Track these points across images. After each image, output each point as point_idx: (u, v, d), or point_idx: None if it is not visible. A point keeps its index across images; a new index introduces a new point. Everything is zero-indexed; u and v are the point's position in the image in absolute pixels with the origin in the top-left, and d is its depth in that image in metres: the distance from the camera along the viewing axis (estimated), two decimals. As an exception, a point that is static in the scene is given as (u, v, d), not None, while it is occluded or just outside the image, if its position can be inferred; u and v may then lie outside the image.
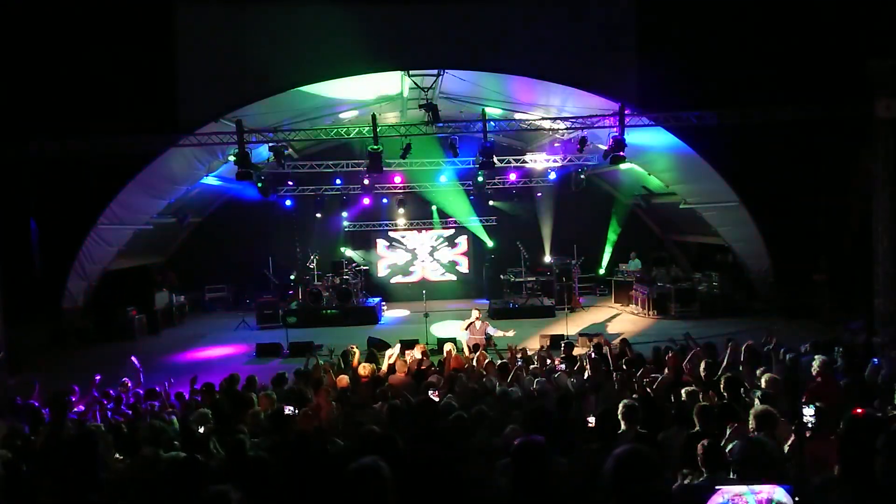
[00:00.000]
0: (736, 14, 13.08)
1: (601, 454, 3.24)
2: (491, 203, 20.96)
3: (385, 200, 20.97)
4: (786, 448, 4.41)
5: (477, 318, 12.28)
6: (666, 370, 7.87)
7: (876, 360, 7.28)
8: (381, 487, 2.59)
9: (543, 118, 14.16)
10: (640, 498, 2.35)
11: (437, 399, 6.24)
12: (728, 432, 4.78)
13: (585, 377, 7.96)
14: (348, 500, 2.63)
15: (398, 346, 10.06)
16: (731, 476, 3.46)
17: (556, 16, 13.17)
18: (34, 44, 13.15)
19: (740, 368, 7.45)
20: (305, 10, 12.94)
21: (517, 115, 15.20)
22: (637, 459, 2.52)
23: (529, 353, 10.75)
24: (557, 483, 3.24)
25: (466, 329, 12.29)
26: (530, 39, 12.98)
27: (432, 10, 12.94)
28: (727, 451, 3.88)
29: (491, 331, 12.27)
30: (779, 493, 2.20)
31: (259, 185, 15.19)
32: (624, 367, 8.46)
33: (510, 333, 12.26)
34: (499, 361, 9.34)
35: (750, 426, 4.55)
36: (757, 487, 2.20)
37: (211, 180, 17.09)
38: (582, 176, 18.59)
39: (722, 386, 6.17)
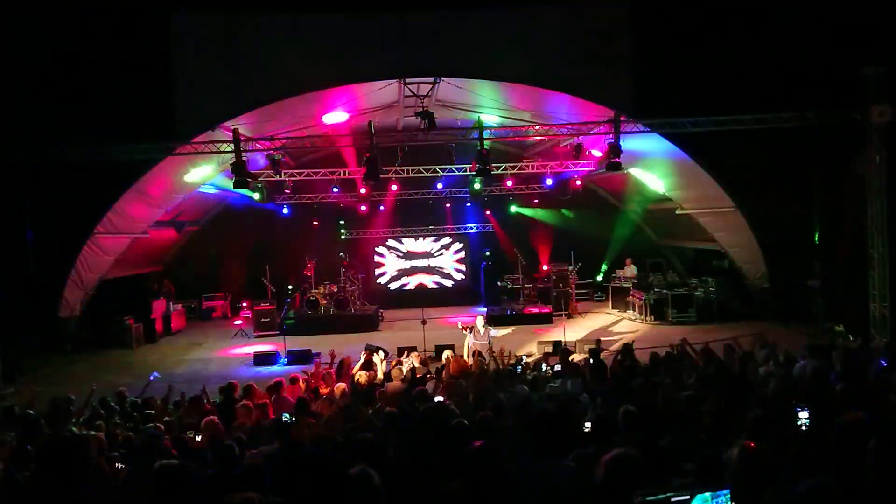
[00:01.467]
0: (731, 21, 13.16)
1: (596, 459, 3.25)
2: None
3: (381, 208, 21.00)
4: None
5: (480, 325, 12.18)
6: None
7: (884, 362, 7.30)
8: (372, 495, 2.61)
9: (540, 125, 14.21)
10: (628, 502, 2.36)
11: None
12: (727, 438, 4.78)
13: (583, 383, 7.96)
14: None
15: (395, 353, 10.07)
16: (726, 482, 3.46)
17: (551, 24, 13.25)
18: (31, 51, 13.17)
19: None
20: (302, 19, 13.01)
21: (513, 123, 15.25)
22: (626, 465, 2.53)
23: (527, 359, 10.77)
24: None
25: (469, 332, 12.20)
26: (526, 47, 13.05)
27: (428, 18, 13.01)
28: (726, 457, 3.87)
29: (493, 333, 12.21)
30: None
31: (256, 193, 15.21)
32: (622, 372, 8.47)
33: (508, 331, 12.31)
34: (493, 368, 9.34)
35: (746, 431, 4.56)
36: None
37: (208, 188, 17.11)
38: (578, 182, 18.61)
39: (720, 391, 6.18)
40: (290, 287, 19.84)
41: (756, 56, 13.08)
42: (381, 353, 10.70)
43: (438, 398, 6.41)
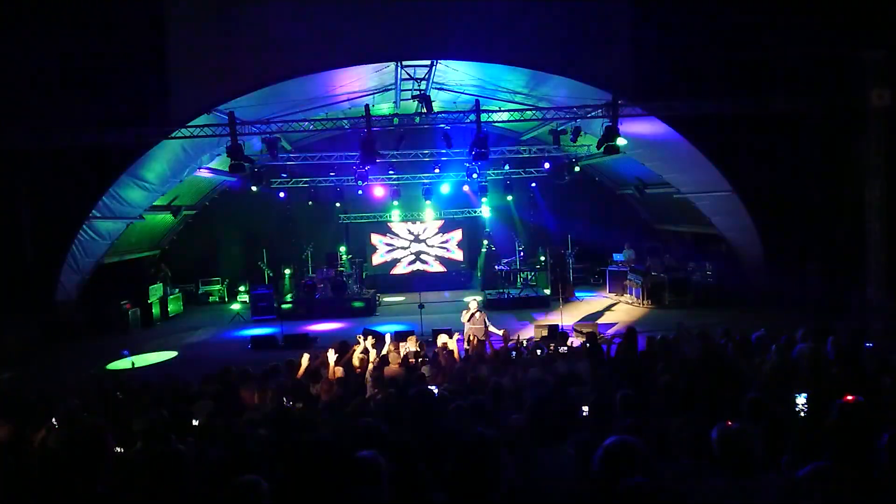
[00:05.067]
0: (729, 4, 13.05)
1: (594, 444, 3.25)
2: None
3: (379, 192, 20.91)
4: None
5: (476, 310, 12.16)
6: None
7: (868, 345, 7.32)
8: (376, 479, 2.60)
9: (537, 108, 14.12)
10: (627, 489, 2.36)
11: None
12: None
13: (579, 366, 7.98)
14: (346, 492, 2.64)
15: (393, 337, 10.06)
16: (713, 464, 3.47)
17: (549, 5, 13.11)
18: (24, 36, 13.01)
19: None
20: (297, 1, 12.84)
21: (511, 105, 15.16)
22: (625, 451, 2.52)
23: (524, 342, 10.77)
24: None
25: (468, 321, 12.17)
26: (524, 29, 12.92)
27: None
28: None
29: (490, 328, 12.16)
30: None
31: (252, 179, 15.15)
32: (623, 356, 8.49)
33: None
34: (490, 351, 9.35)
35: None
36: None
37: (204, 172, 17.01)
38: (577, 168, 18.55)
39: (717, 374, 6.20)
40: (287, 271, 19.83)
41: (755, 39, 12.99)
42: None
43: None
